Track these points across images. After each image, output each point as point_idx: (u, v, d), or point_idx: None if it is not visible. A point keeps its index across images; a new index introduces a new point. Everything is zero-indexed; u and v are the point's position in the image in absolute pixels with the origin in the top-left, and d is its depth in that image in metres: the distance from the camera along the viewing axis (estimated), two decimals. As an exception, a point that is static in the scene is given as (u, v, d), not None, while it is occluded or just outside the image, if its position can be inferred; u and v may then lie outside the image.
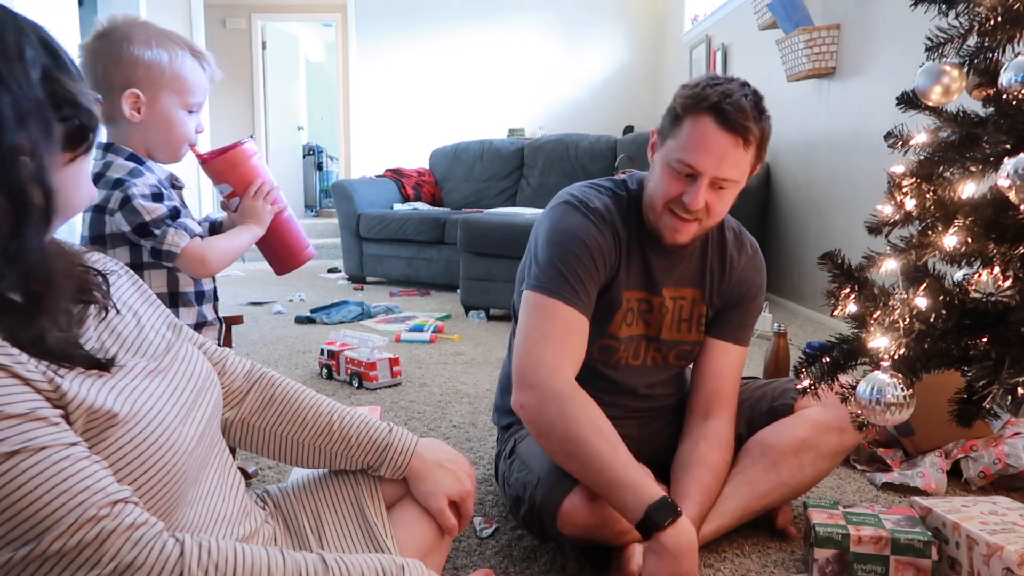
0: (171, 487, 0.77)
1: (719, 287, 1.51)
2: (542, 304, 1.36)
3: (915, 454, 1.86)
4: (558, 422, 1.28)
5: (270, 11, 7.90)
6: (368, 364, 2.58)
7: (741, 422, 1.53)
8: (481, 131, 6.46)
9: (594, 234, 1.39)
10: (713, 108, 1.28)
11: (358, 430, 1.06)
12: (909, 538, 1.28)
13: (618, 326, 1.45)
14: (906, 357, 1.13)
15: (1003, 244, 1.08)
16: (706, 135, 1.29)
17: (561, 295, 1.35)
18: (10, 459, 0.61)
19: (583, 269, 1.37)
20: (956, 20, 1.14)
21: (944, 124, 1.22)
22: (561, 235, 1.39)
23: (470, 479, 1.10)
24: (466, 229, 3.94)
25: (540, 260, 1.40)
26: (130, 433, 0.73)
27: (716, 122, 1.28)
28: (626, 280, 1.44)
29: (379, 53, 6.88)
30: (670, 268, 1.47)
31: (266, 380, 1.07)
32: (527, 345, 1.35)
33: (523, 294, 1.41)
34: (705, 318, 1.51)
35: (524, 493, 1.36)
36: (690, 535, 1.19)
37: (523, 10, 6.85)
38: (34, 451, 0.62)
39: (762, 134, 1.32)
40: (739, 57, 5.01)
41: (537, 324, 1.36)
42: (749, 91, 1.31)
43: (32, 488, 0.62)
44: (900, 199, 1.22)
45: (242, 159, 1.44)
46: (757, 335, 3.38)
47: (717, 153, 1.29)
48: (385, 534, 1.02)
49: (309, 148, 9.15)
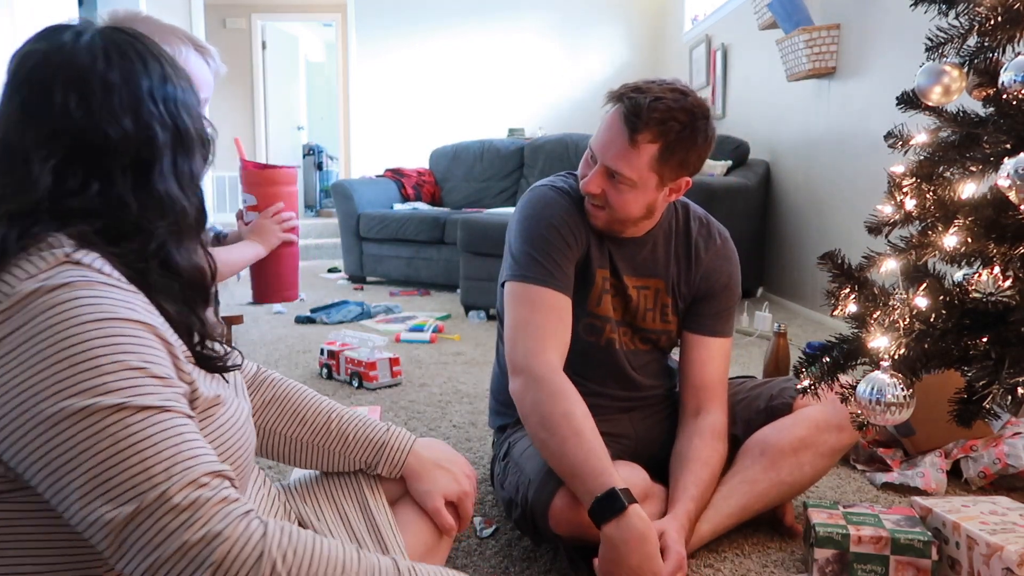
0: (244, 470, 0.83)
1: (685, 277, 1.53)
2: (521, 292, 1.41)
3: (915, 454, 1.86)
4: (536, 407, 1.31)
5: (270, 11, 7.90)
6: (368, 364, 2.58)
7: (739, 421, 1.53)
8: (481, 131, 6.45)
9: (561, 213, 1.44)
10: (619, 99, 1.35)
11: (356, 428, 1.07)
12: (909, 538, 1.28)
13: (595, 303, 1.48)
14: (906, 357, 1.13)
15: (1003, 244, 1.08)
16: (607, 122, 1.37)
17: (537, 279, 1.39)
18: (140, 412, 0.65)
19: (555, 250, 1.41)
20: (956, 20, 1.14)
21: (944, 124, 1.22)
22: (530, 221, 1.44)
23: (469, 480, 1.10)
24: (466, 229, 3.94)
25: (514, 251, 1.45)
26: (227, 414, 0.80)
27: (617, 112, 1.35)
28: (598, 258, 1.47)
29: (379, 53, 6.88)
30: (628, 257, 1.49)
31: (269, 381, 1.08)
32: (513, 333, 1.39)
33: (504, 286, 1.46)
34: (672, 308, 1.53)
35: (517, 495, 1.37)
36: (638, 529, 1.18)
37: (523, 10, 6.85)
38: (159, 410, 0.67)
39: (664, 143, 1.32)
40: (739, 57, 5.01)
41: (519, 312, 1.40)
42: (671, 102, 1.31)
43: (154, 443, 0.65)
44: (900, 199, 1.22)
45: (281, 180, 1.49)
46: (757, 335, 3.38)
47: (607, 139, 1.36)
48: (392, 531, 1.02)
49: (309, 148, 9.14)
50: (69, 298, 0.66)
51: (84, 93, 0.73)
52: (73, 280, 0.67)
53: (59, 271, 0.68)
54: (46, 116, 0.73)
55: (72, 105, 0.72)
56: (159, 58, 0.79)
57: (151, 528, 0.63)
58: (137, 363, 0.67)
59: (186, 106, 0.80)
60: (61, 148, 0.72)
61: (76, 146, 0.73)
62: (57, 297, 0.66)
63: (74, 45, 0.74)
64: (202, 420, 0.76)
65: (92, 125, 0.73)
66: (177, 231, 0.78)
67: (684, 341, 1.55)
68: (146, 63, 0.77)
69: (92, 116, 0.73)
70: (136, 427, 0.64)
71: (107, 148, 0.74)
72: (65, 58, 0.74)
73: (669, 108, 1.31)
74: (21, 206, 0.71)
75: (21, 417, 0.64)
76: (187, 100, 0.80)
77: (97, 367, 0.65)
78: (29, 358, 0.64)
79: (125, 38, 0.77)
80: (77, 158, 0.73)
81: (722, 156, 4.45)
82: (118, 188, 0.74)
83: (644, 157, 1.34)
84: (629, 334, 1.53)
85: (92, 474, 0.63)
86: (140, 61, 0.77)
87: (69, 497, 0.64)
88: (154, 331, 0.71)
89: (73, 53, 0.74)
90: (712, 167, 4.31)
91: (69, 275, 0.68)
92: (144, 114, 0.75)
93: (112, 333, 0.67)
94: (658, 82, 1.36)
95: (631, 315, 1.52)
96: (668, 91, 1.33)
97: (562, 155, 5.38)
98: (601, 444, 1.26)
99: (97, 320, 0.66)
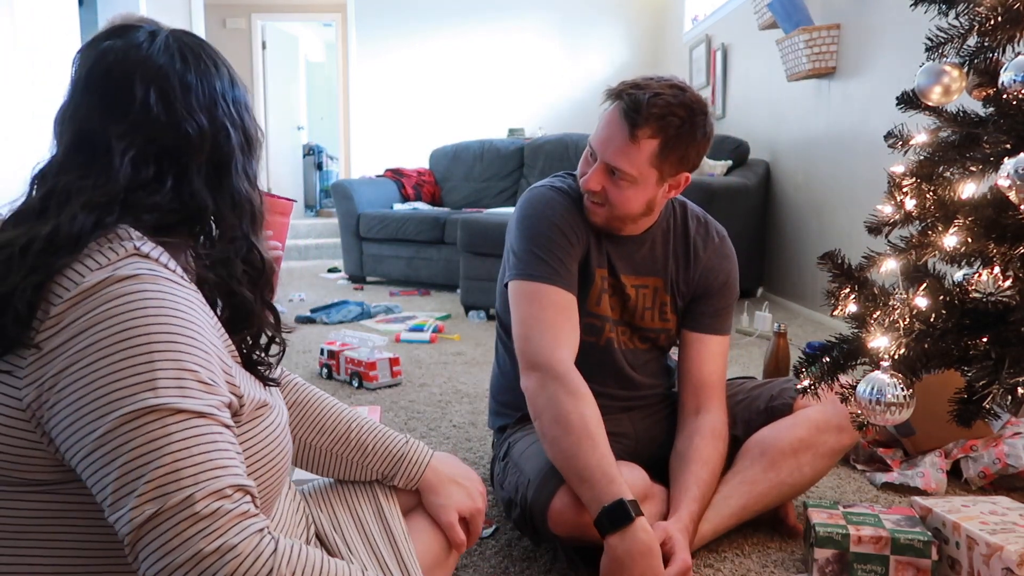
0: (281, 479, 0.84)
1: (684, 276, 1.53)
2: (528, 290, 1.40)
3: (915, 454, 1.86)
4: (552, 403, 1.30)
5: (270, 11, 7.89)
6: (368, 364, 2.58)
7: (739, 422, 1.53)
8: (481, 131, 6.45)
9: (561, 212, 1.44)
10: (618, 96, 1.36)
11: (375, 439, 1.07)
12: (909, 538, 1.28)
13: (595, 303, 1.48)
14: (906, 357, 1.13)
15: (1003, 244, 1.08)
16: (606, 119, 1.38)
17: (544, 277, 1.39)
18: (180, 415, 0.66)
19: (559, 248, 1.42)
20: (956, 20, 1.14)
21: (944, 124, 1.22)
22: (530, 220, 1.45)
23: (482, 498, 1.11)
24: (466, 229, 3.93)
25: (517, 250, 1.44)
26: (272, 418, 0.82)
27: (617, 109, 1.36)
28: (596, 257, 1.47)
29: (379, 53, 6.88)
30: (626, 256, 1.49)
31: (292, 385, 1.09)
32: (523, 331, 1.38)
33: (508, 285, 1.45)
34: (671, 307, 1.53)
35: (516, 495, 1.37)
36: (644, 543, 1.17)
37: (523, 10, 6.85)
38: (199, 415, 0.67)
39: (663, 138, 1.33)
40: (739, 57, 5.01)
41: (528, 310, 1.39)
42: (670, 97, 1.32)
43: (187, 447, 0.65)
44: (900, 199, 1.22)
45: (275, 209, 1.49)
46: (757, 335, 3.38)
47: (607, 136, 1.36)
48: (405, 540, 1.02)
49: (309, 148, 9.14)
50: (135, 290, 0.68)
51: (164, 90, 0.76)
52: (140, 272, 0.69)
53: (128, 262, 0.70)
54: (127, 110, 0.75)
55: (152, 101, 0.75)
56: (225, 63, 0.84)
57: (169, 532, 0.63)
58: (190, 364, 0.68)
59: (248, 109, 0.85)
60: (141, 142, 0.75)
61: (155, 141, 0.76)
62: (124, 288, 0.68)
63: (151, 44, 0.78)
64: (247, 424, 0.77)
65: (172, 122, 0.76)
66: (255, 228, 0.83)
67: (683, 339, 1.55)
68: (217, 66, 0.82)
69: (172, 113, 0.76)
70: (174, 429, 0.65)
71: (185, 145, 0.77)
72: (144, 56, 0.77)
73: (668, 104, 1.32)
74: (99, 196, 0.73)
75: (77, 403, 0.66)
76: (248, 103, 0.86)
77: (151, 363, 0.66)
78: (90, 345, 0.66)
79: (196, 41, 0.82)
80: (155, 153, 0.76)
81: (722, 156, 4.45)
82: (194, 185, 0.78)
83: (644, 153, 1.34)
84: (628, 333, 1.54)
85: (125, 470, 0.64)
86: (212, 64, 0.81)
87: (104, 490, 0.65)
88: (209, 333, 0.72)
89: (151, 52, 0.77)
90: (712, 167, 4.31)
91: (137, 267, 0.70)
92: (219, 114, 0.80)
93: (171, 330, 0.68)
94: (656, 78, 1.36)
95: (629, 314, 1.52)
96: (667, 87, 1.34)
97: (562, 155, 5.38)
98: (611, 452, 1.26)
99: (159, 315, 0.68)
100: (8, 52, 3.20)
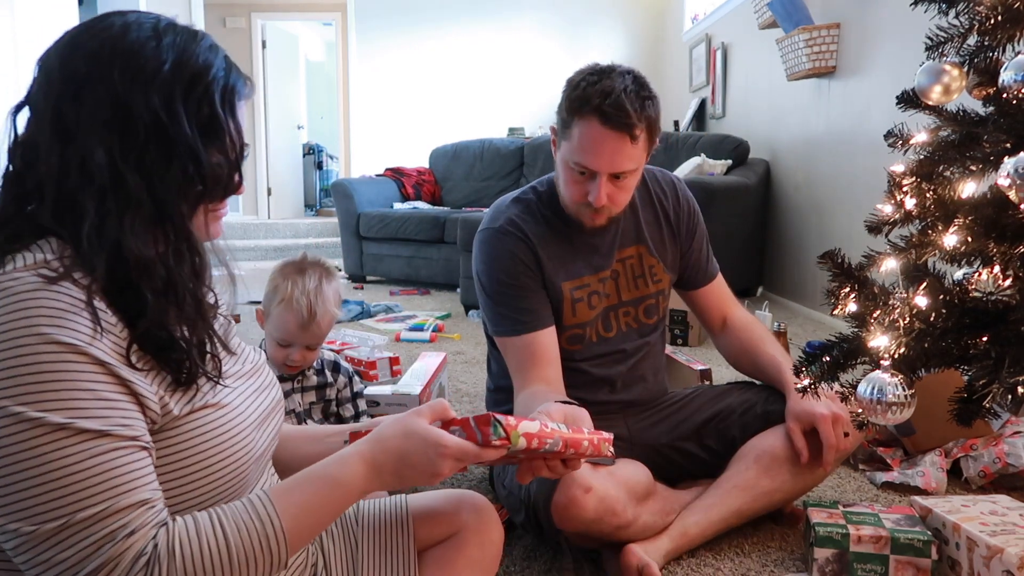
0: (233, 486, 0.80)
1: (662, 234, 1.58)
2: (505, 345, 1.50)
3: (915, 453, 1.86)
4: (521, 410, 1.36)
5: (270, 10, 7.88)
6: (368, 363, 2.58)
7: (736, 425, 1.53)
8: (481, 130, 6.45)
9: (507, 260, 1.47)
10: (596, 110, 1.33)
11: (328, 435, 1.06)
12: (909, 538, 1.28)
13: (570, 314, 1.51)
14: (906, 356, 1.13)
15: (1003, 243, 1.07)
16: (594, 138, 1.34)
17: (513, 330, 1.47)
18: (80, 435, 0.65)
19: (517, 295, 1.47)
20: (956, 19, 1.14)
21: (944, 123, 1.22)
22: (484, 277, 1.52)
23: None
24: (466, 228, 3.93)
25: (485, 309, 1.53)
26: (220, 419, 0.79)
27: (601, 123, 1.33)
28: (557, 272, 1.49)
29: (379, 52, 6.88)
30: (608, 242, 1.53)
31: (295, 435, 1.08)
32: (512, 377, 1.48)
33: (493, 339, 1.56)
34: (661, 267, 1.58)
35: (520, 492, 1.37)
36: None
37: (523, 10, 6.85)
38: (99, 435, 0.66)
39: (648, 122, 1.36)
40: (739, 56, 5.01)
41: (510, 362, 1.49)
42: (629, 82, 1.35)
43: (83, 468, 0.65)
44: (900, 198, 1.22)
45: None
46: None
47: (607, 153, 1.35)
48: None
49: (309, 147, 9.14)
50: (35, 301, 0.67)
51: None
52: (38, 285, 0.68)
53: (33, 273, 0.69)
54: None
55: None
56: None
57: (68, 549, 0.64)
58: (87, 383, 0.67)
59: None
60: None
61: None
62: (27, 299, 0.67)
63: None
64: (175, 428, 0.74)
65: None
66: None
67: (691, 298, 1.66)
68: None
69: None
70: (71, 450, 0.65)
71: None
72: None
73: (636, 91, 1.35)
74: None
75: None
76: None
77: (46, 382, 0.65)
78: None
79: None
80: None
81: (722, 155, 4.45)
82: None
83: (640, 144, 1.37)
84: (632, 314, 1.57)
85: (17, 488, 0.64)
86: None
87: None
88: (114, 348, 0.70)
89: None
90: (712, 166, 4.31)
91: (34, 279, 0.68)
92: None
93: (67, 349, 0.66)
94: (597, 72, 1.38)
95: (616, 295, 1.55)
96: (616, 76, 1.36)
97: (562, 154, 5.37)
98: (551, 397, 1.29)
99: (52, 329, 0.66)
100: (8, 52, 3.20)
